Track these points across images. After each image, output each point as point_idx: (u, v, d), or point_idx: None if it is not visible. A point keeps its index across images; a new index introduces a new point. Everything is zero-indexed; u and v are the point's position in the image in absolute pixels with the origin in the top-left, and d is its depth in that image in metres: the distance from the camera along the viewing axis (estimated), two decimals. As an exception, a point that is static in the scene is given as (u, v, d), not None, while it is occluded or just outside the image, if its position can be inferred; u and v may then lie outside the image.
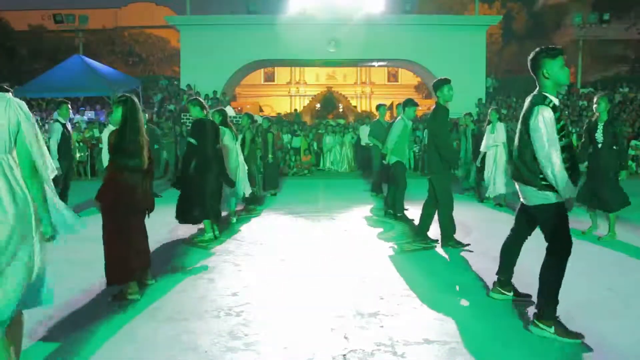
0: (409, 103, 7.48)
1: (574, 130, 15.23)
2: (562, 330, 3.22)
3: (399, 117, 7.54)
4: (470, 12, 26.17)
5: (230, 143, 7.07)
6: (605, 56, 28.82)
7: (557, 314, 3.27)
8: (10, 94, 2.40)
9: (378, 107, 9.78)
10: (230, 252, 5.56)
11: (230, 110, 15.88)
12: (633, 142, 15.69)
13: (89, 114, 17.71)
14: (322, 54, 21.27)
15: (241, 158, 7.43)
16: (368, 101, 35.86)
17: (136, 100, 4.16)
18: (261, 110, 28.09)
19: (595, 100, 6.07)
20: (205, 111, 6.00)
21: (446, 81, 5.53)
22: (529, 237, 3.81)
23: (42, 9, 32.48)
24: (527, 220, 3.67)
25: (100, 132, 12.69)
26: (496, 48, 30.66)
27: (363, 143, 16.02)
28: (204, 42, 20.07)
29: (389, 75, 36.63)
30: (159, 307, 3.83)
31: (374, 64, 26.59)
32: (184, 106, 16.78)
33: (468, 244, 5.71)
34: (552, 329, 3.22)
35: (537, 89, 3.39)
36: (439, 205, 5.74)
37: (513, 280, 3.98)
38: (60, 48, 26.57)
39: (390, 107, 17.02)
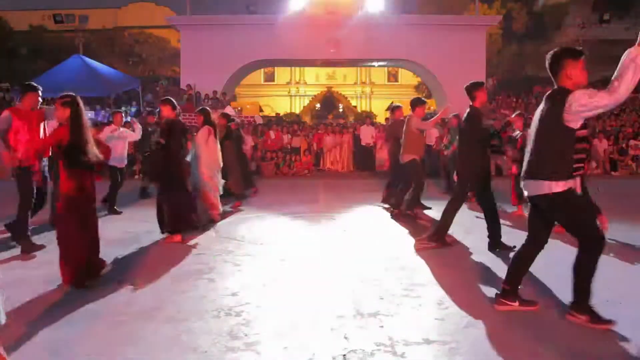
0: (419, 102, 7.37)
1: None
2: (596, 318, 3.34)
3: (410, 116, 7.41)
4: (470, 12, 26.15)
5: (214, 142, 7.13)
6: (605, 56, 28.77)
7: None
8: None
9: (395, 108, 9.24)
10: (230, 252, 5.56)
11: (230, 110, 15.89)
12: (633, 142, 15.68)
13: (89, 114, 17.72)
14: (322, 54, 21.26)
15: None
16: (368, 101, 35.84)
17: (80, 100, 4.37)
18: (261, 111, 28.09)
19: None
20: (176, 111, 6.06)
21: (481, 84, 5.54)
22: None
23: (42, 9, 32.47)
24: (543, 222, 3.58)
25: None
26: (496, 48, 30.59)
27: (363, 143, 16.03)
28: (204, 42, 20.06)
29: (389, 75, 36.59)
30: (159, 307, 3.82)
31: (374, 64, 26.59)
32: (183, 106, 16.79)
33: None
34: (586, 318, 3.34)
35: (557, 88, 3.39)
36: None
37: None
38: (61, 48, 26.57)
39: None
